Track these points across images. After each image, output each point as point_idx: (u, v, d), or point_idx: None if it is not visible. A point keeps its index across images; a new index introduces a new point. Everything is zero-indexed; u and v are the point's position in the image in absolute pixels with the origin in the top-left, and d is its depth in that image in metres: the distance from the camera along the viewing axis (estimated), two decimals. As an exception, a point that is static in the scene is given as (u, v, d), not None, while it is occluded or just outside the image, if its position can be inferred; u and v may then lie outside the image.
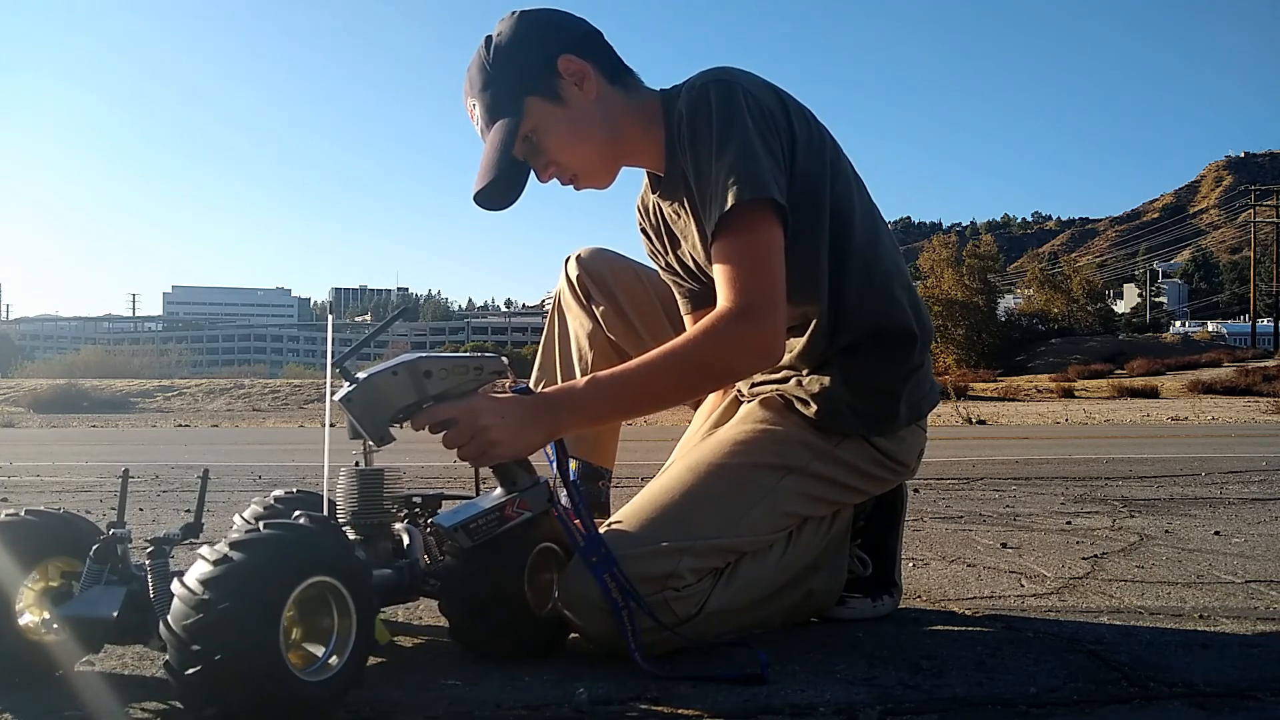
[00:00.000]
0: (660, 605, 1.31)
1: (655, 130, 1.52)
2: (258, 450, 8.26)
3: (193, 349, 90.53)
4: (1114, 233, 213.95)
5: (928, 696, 1.18)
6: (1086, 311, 47.38)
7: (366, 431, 1.26)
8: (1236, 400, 21.35)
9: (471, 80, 1.50)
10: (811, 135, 1.47)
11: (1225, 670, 1.30)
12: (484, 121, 1.49)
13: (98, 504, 3.56)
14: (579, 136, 1.49)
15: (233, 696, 0.97)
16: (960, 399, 19.25)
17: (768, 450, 1.47)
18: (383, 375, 1.27)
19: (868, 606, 1.63)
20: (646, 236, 1.69)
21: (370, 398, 1.25)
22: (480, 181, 1.46)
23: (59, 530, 1.24)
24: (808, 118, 1.49)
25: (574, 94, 1.48)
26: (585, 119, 1.49)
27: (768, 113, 1.42)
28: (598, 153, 1.52)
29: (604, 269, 1.79)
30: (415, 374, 1.28)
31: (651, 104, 1.53)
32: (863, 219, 1.52)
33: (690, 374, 1.39)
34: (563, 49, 1.48)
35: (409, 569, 1.32)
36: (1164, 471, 4.92)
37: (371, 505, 1.33)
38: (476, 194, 1.47)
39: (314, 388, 27.33)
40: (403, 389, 1.27)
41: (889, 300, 1.52)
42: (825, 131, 1.51)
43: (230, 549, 1.00)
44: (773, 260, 1.37)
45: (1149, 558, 2.27)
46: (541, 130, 1.48)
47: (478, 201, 1.49)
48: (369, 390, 1.25)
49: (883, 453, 1.54)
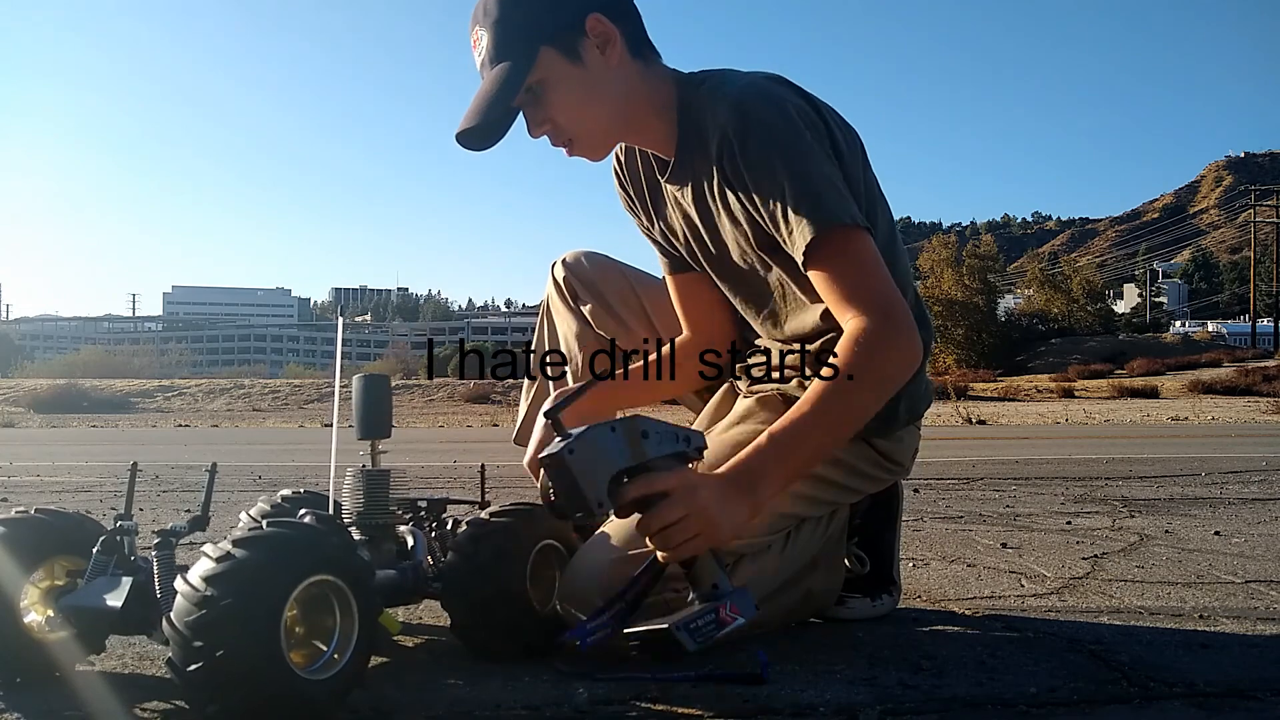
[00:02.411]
0: (659, 607, 1.30)
1: (668, 115, 1.47)
2: (258, 450, 8.26)
3: (193, 349, 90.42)
4: (1114, 233, 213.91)
5: (928, 696, 1.18)
6: (1086, 311, 47.38)
7: (584, 493, 1.09)
8: (1236, 400, 21.35)
9: (486, 7, 1.38)
10: (850, 144, 1.45)
11: (1225, 670, 1.30)
12: (488, 55, 1.38)
13: (98, 504, 3.56)
14: (587, 103, 1.41)
15: (234, 694, 0.97)
16: (960, 399, 19.24)
17: None
18: (601, 431, 1.11)
19: (867, 606, 1.63)
20: (628, 200, 1.66)
21: (590, 456, 1.09)
22: (468, 121, 1.37)
23: (67, 529, 1.24)
24: (843, 125, 1.47)
25: (594, 57, 1.40)
26: (598, 86, 1.41)
27: (816, 126, 1.39)
28: (602, 124, 1.45)
29: (589, 269, 1.77)
30: (633, 434, 1.13)
31: (667, 87, 1.47)
32: (884, 228, 1.49)
33: (866, 393, 1.32)
34: (595, 7, 1.39)
35: (413, 570, 1.33)
36: (1164, 471, 4.92)
37: (376, 506, 1.33)
38: (460, 133, 1.38)
39: (314, 388, 27.33)
40: (619, 450, 1.12)
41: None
42: (857, 137, 1.49)
43: (234, 546, 1.01)
44: (880, 265, 1.35)
45: (1149, 558, 2.27)
46: (549, 86, 1.39)
47: (460, 140, 1.40)
48: (589, 448, 1.09)
49: (880, 453, 1.54)
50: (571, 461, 1.07)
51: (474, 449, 7.89)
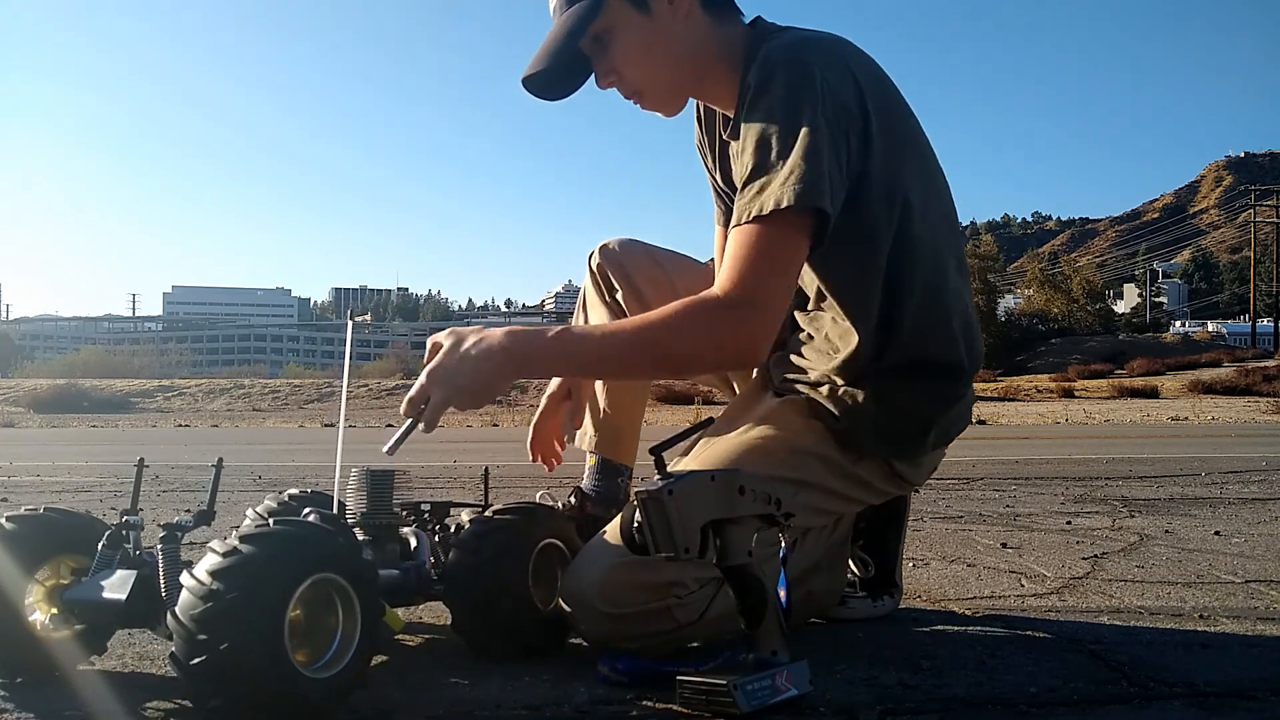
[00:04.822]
0: (663, 612, 1.29)
1: (735, 71, 1.42)
2: (258, 450, 8.26)
3: (193, 349, 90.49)
4: (1114, 233, 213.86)
5: (928, 696, 1.18)
6: (1086, 311, 47.39)
7: (674, 536, 1.07)
8: (1236, 400, 21.36)
9: None
10: (893, 138, 1.37)
11: (1225, 670, 1.30)
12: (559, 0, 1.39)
13: (98, 504, 3.56)
14: (651, 54, 1.40)
15: (236, 689, 0.97)
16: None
17: (785, 463, 1.40)
18: (702, 479, 1.11)
19: (868, 606, 1.63)
20: (701, 142, 1.65)
21: (687, 501, 1.08)
22: (533, 66, 1.37)
23: (73, 528, 1.25)
24: (893, 110, 1.39)
25: (662, 7, 1.38)
26: (664, 38, 1.39)
27: (841, 107, 1.31)
28: (667, 77, 1.43)
29: (622, 255, 1.76)
30: (730, 487, 1.12)
31: (738, 43, 1.43)
32: (936, 240, 1.42)
33: (654, 354, 1.27)
34: None
35: (415, 571, 1.33)
36: (1164, 471, 4.92)
37: (380, 506, 1.33)
38: (526, 77, 1.39)
39: (314, 388, 27.33)
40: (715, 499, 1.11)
41: (944, 334, 1.44)
42: (913, 131, 1.42)
43: (240, 542, 1.01)
44: (790, 269, 1.28)
45: (1149, 558, 2.27)
46: (614, 34, 1.38)
47: (526, 85, 1.40)
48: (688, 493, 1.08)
49: (898, 473, 1.51)
50: (669, 502, 1.07)
51: (474, 449, 7.89)
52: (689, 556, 1.09)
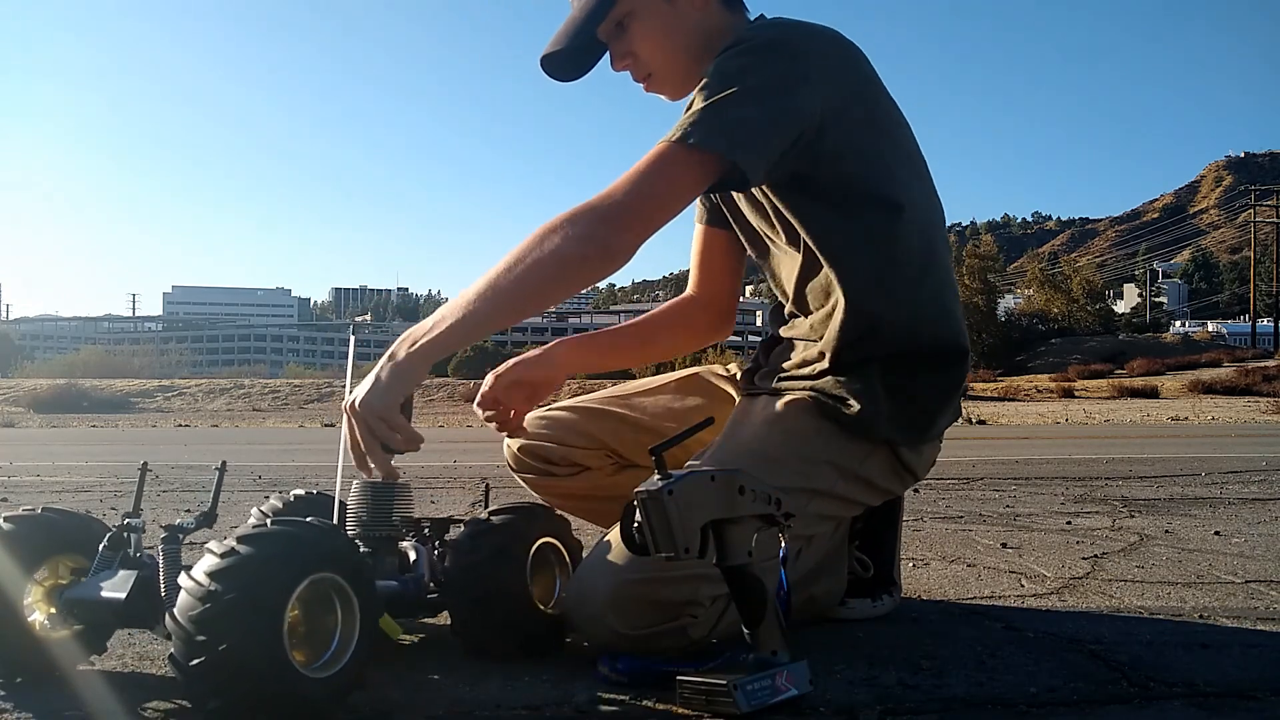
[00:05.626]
0: (677, 631, 1.28)
1: None
2: (258, 450, 8.26)
3: (193, 349, 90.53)
4: (1114, 233, 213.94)
5: (928, 696, 1.18)
6: (1086, 311, 47.35)
7: (675, 536, 1.07)
8: (1236, 400, 21.36)
9: None
10: (877, 111, 1.41)
11: (1225, 670, 1.30)
12: None
13: (97, 504, 3.56)
14: (668, 37, 1.46)
15: (235, 689, 0.97)
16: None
17: (797, 473, 1.39)
18: (702, 479, 1.10)
19: (868, 606, 1.63)
20: None
21: (687, 501, 1.08)
22: (553, 45, 1.42)
23: (73, 528, 1.25)
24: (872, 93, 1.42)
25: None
26: (683, 24, 1.45)
27: (822, 70, 1.34)
28: (682, 62, 1.47)
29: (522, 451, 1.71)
30: (730, 487, 1.12)
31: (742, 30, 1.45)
32: (924, 221, 1.45)
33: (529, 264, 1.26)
34: None
35: (414, 583, 1.32)
36: (1164, 471, 4.92)
37: (380, 519, 1.32)
38: (544, 57, 1.43)
39: (314, 388, 27.34)
40: (715, 499, 1.11)
41: (943, 312, 1.46)
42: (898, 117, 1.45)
43: (238, 542, 1.01)
44: (673, 194, 1.29)
45: (1149, 558, 2.27)
46: (635, 18, 1.44)
47: (544, 66, 1.45)
48: (688, 493, 1.08)
49: (904, 465, 1.50)
50: (669, 502, 1.07)
51: (473, 449, 7.88)
52: (689, 556, 1.09)
